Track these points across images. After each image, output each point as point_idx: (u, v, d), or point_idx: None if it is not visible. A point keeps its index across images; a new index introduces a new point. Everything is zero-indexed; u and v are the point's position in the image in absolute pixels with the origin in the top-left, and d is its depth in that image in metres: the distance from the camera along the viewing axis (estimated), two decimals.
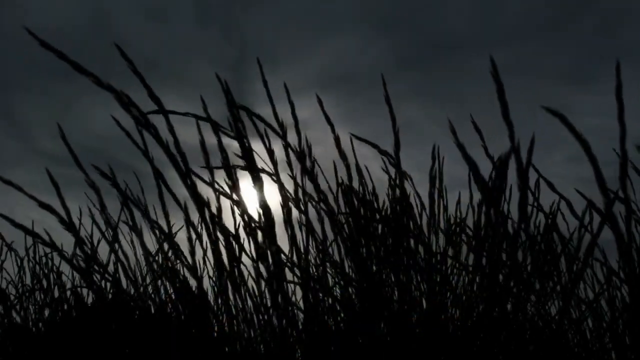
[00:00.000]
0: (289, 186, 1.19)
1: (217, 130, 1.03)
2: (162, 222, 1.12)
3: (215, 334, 1.12)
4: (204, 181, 1.12)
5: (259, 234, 1.05)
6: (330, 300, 1.13)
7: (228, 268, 1.03)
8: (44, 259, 1.75)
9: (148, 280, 1.60)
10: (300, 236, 1.17)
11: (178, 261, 1.14)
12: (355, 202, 1.24)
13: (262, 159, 1.09)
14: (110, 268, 1.56)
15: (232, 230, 1.23)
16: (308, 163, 1.16)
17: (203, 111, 1.09)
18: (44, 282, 1.71)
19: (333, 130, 1.20)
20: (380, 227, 1.24)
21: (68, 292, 1.62)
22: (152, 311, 1.33)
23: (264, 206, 0.97)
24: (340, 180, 1.31)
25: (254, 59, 1.12)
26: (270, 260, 1.00)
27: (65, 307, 1.57)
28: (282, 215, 1.13)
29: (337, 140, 1.21)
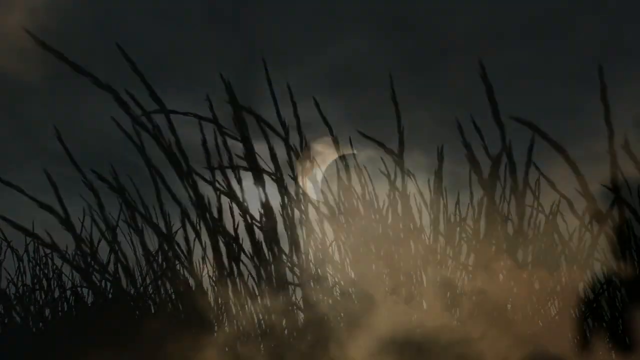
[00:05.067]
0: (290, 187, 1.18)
1: (222, 132, 1.02)
2: (161, 223, 1.12)
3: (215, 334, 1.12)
4: (206, 180, 1.11)
5: (260, 233, 1.05)
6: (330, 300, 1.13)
7: (228, 268, 1.03)
8: (43, 259, 1.75)
9: (148, 280, 1.60)
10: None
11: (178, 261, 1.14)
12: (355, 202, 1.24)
13: (263, 160, 1.09)
14: (111, 267, 1.55)
15: (231, 230, 1.23)
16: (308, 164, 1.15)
17: (209, 110, 1.08)
18: (44, 282, 1.70)
19: (331, 132, 1.21)
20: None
21: (68, 292, 1.62)
22: (152, 311, 1.33)
23: (266, 206, 0.97)
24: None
25: (262, 59, 1.11)
26: (272, 259, 1.00)
27: (65, 307, 1.57)
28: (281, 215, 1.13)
29: (335, 142, 1.21)
